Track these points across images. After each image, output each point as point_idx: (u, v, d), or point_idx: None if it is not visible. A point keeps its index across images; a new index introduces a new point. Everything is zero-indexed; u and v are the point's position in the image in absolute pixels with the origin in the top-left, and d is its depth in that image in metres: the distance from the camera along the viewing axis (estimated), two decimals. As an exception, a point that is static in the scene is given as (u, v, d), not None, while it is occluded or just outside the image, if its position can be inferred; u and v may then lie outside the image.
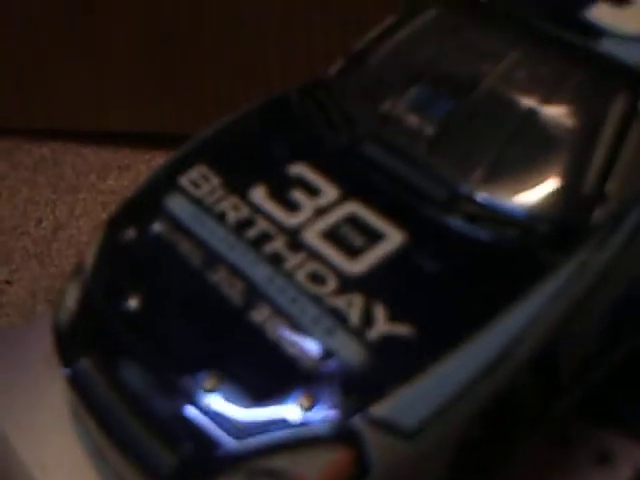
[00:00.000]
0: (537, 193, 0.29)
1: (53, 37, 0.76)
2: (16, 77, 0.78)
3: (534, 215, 0.29)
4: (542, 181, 0.29)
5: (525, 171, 0.30)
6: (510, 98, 0.31)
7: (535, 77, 0.31)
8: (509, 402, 0.27)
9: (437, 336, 0.26)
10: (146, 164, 0.73)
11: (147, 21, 0.73)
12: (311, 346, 0.26)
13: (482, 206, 0.29)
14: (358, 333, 0.26)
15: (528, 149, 0.30)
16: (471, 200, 0.29)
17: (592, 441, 0.31)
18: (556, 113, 0.31)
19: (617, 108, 0.30)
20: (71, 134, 0.81)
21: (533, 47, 0.32)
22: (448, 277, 0.27)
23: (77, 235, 0.71)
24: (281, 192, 0.30)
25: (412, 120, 0.32)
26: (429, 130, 0.32)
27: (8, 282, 0.67)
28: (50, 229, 0.73)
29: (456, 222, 0.29)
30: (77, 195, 0.77)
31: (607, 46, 0.31)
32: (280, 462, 0.25)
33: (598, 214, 0.28)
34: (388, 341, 0.26)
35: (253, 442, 0.25)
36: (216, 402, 0.26)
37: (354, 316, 0.26)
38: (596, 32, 0.31)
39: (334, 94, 0.34)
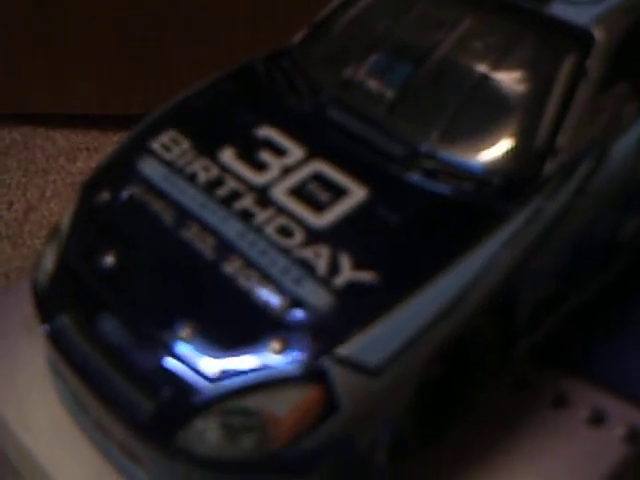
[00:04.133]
0: (492, 149, 0.31)
1: (20, 22, 0.76)
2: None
3: (489, 169, 0.30)
4: (496, 138, 0.31)
5: (480, 129, 0.31)
6: (466, 61, 0.33)
7: (489, 41, 0.33)
8: (467, 344, 0.29)
9: (398, 281, 0.27)
10: (114, 146, 0.74)
11: (117, 5, 0.73)
12: (281, 294, 0.27)
13: (439, 162, 0.30)
14: (324, 281, 0.27)
15: (483, 108, 0.32)
16: (429, 157, 0.31)
17: (549, 385, 0.33)
18: (509, 74, 0.32)
19: (566, 67, 0.31)
20: (40, 118, 0.82)
21: (486, 13, 0.34)
22: (408, 228, 0.29)
23: (48, 217, 0.71)
24: (249, 153, 0.32)
25: (373, 84, 0.34)
26: (389, 94, 0.33)
27: (-19, 263, 0.67)
28: (21, 211, 0.74)
29: (415, 177, 0.30)
30: (47, 177, 0.77)
31: (557, 9, 0.33)
32: (252, 402, 0.26)
33: (549, 166, 0.30)
34: (352, 287, 0.27)
35: (227, 385, 0.26)
36: (192, 350, 0.27)
37: (321, 265, 0.28)
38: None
39: (298, 62, 0.36)
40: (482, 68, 0.32)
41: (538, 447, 0.31)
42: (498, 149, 0.31)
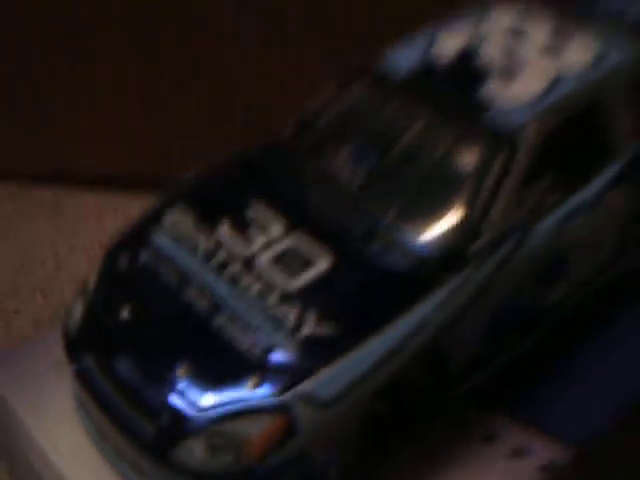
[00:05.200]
0: (434, 229, 0.38)
1: (55, 90, 0.85)
2: (21, 126, 0.87)
3: (430, 246, 0.38)
4: (438, 220, 0.38)
5: (426, 213, 0.39)
6: (420, 153, 0.41)
7: (438, 139, 0.41)
8: (406, 386, 0.36)
9: (351, 333, 0.35)
10: (138, 206, 0.82)
11: (146, 75, 0.82)
12: (258, 343, 0.35)
13: (391, 240, 0.38)
14: (292, 333, 0.35)
15: (429, 196, 0.39)
16: (383, 235, 0.38)
17: (482, 424, 0.39)
18: (452, 167, 0.40)
19: (496, 165, 0.39)
20: (71, 178, 0.90)
21: (440, 114, 0.41)
22: (362, 292, 0.36)
23: (76, 272, 0.79)
24: (240, 229, 0.39)
25: (346, 171, 0.42)
26: (359, 179, 0.41)
27: (16, 312, 0.75)
28: (53, 267, 0.82)
29: (370, 251, 0.38)
30: (76, 236, 0.86)
31: (492, 117, 0.40)
32: (231, 427, 0.33)
33: (478, 243, 0.37)
34: (314, 338, 0.34)
35: (212, 413, 0.34)
36: (186, 386, 0.35)
37: (290, 320, 0.35)
38: (485, 105, 0.41)
39: (285, 153, 0.44)
40: (431, 162, 0.40)
41: (465, 476, 0.37)
42: (439, 229, 0.38)
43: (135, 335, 0.37)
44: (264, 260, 0.38)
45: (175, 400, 0.35)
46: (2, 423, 0.44)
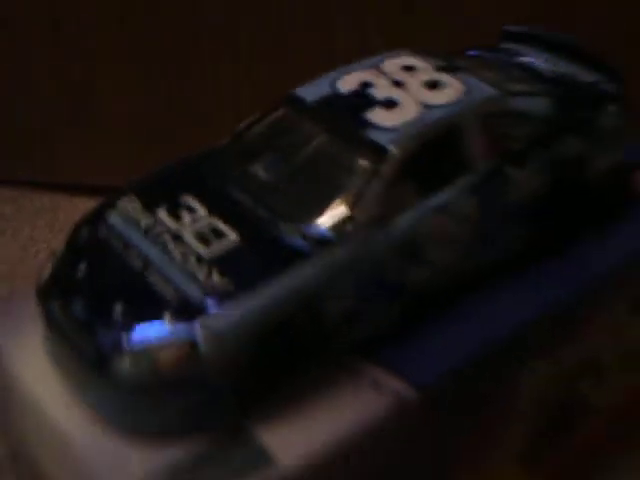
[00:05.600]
0: (320, 215, 0.50)
1: (58, 108, 0.98)
2: (24, 139, 1.00)
3: (315, 228, 0.50)
4: (324, 208, 0.51)
5: (316, 203, 0.51)
6: (316, 161, 0.53)
7: (331, 149, 0.53)
8: (291, 332, 0.48)
9: (245, 286, 0.47)
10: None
11: (146, 93, 0.94)
12: (176, 291, 0.47)
13: (287, 224, 0.50)
14: (201, 285, 0.47)
15: (318, 191, 0.52)
16: (283, 220, 0.51)
17: (363, 371, 0.51)
18: (337, 170, 0.52)
19: (369, 169, 0.51)
20: (66, 187, 1.03)
21: (333, 132, 0.54)
22: (257, 258, 0.49)
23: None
24: (175, 210, 0.52)
25: (261, 173, 0.54)
26: (269, 179, 0.54)
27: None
28: (45, 259, 0.94)
29: (270, 231, 0.50)
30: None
31: (369, 133, 0.53)
32: (151, 350, 0.46)
33: (350, 227, 0.50)
34: (217, 288, 0.47)
35: (138, 340, 0.46)
36: (121, 320, 0.47)
37: (200, 275, 0.48)
38: (368, 125, 0.53)
39: (220, 157, 0.56)
40: (322, 167, 0.53)
41: (331, 401, 0.50)
42: (323, 216, 0.51)
43: (87, 286, 0.50)
44: (187, 234, 0.50)
45: (112, 330, 0.47)
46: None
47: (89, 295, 0.49)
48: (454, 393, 0.53)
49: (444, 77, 0.57)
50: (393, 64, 0.59)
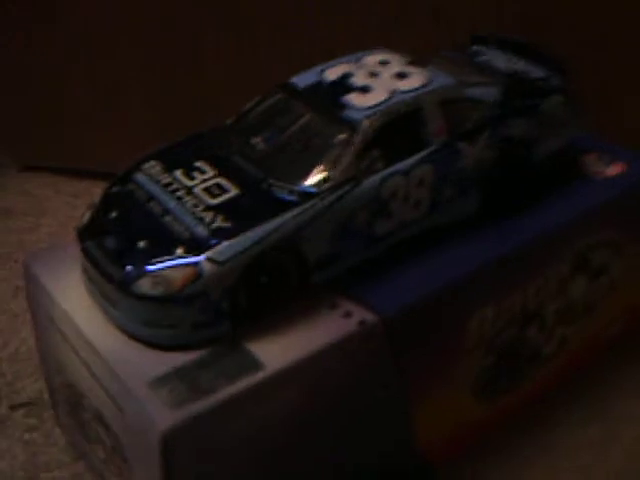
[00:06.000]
0: (303, 178, 0.63)
1: (90, 104, 1.11)
2: (62, 130, 1.13)
3: (299, 187, 0.63)
4: (308, 170, 0.63)
5: (301, 166, 0.64)
6: (303, 134, 0.66)
7: (315, 125, 0.66)
8: (278, 264, 0.61)
9: (241, 226, 0.60)
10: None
11: (162, 87, 1.07)
12: (188, 230, 0.60)
13: (279, 181, 0.63)
14: (207, 225, 0.60)
15: (305, 157, 0.64)
16: (275, 179, 0.63)
17: (330, 298, 0.64)
18: (320, 141, 0.65)
19: (342, 139, 0.64)
20: (100, 174, 1.16)
21: (317, 111, 0.67)
22: (252, 206, 0.61)
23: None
24: (189, 172, 0.65)
25: (259, 145, 0.67)
26: (267, 149, 0.66)
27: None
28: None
29: (265, 186, 0.63)
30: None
31: (347, 113, 0.66)
32: (166, 272, 0.59)
33: (327, 185, 0.63)
34: (219, 228, 0.60)
35: (157, 266, 0.59)
36: (144, 251, 0.60)
37: (207, 218, 0.60)
38: (345, 106, 0.66)
39: (226, 132, 0.69)
40: (308, 139, 0.66)
41: (308, 324, 0.62)
42: (306, 176, 0.63)
43: (118, 226, 0.63)
44: (197, 189, 0.63)
45: (137, 259, 0.60)
46: (34, 296, 0.70)
47: (119, 234, 0.62)
48: (412, 325, 0.65)
49: (412, 69, 0.70)
50: (372, 59, 0.72)
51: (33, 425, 0.81)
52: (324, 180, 0.63)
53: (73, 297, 0.66)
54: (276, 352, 0.61)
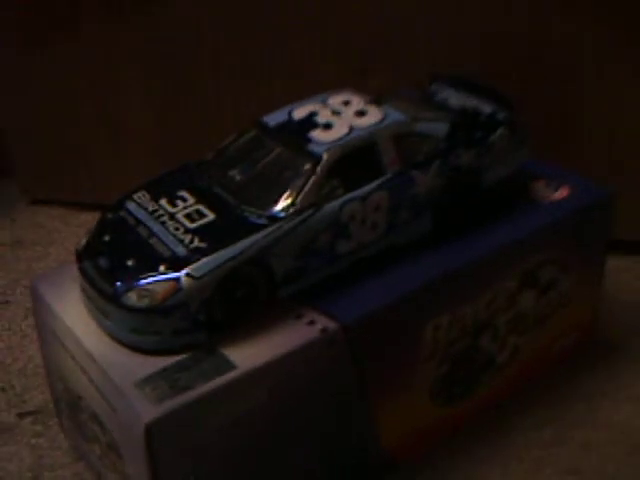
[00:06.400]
0: (272, 204, 0.72)
1: (96, 137, 1.20)
2: (69, 165, 1.23)
3: (268, 212, 0.72)
4: (276, 197, 0.73)
5: (271, 194, 0.73)
6: (273, 167, 0.75)
7: (284, 158, 0.76)
8: (248, 279, 0.70)
9: (215, 247, 0.69)
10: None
11: (161, 130, 1.17)
12: (169, 251, 0.69)
13: (250, 208, 0.73)
14: (186, 246, 0.69)
15: (274, 187, 0.74)
16: (247, 205, 0.73)
17: (296, 309, 0.73)
18: (287, 173, 0.74)
19: (306, 170, 0.73)
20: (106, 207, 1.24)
21: (285, 146, 0.76)
22: (225, 229, 0.70)
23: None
24: (172, 200, 0.75)
25: (235, 177, 0.77)
26: (241, 180, 0.76)
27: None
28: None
29: (237, 213, 0.72)
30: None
31: (311, 147, 0.75)
32: (150, 286, 0.68)
33: (292, 209, 0.72)
34: (196, 248, 0.69)
35: (143, 281, 0.68)
36: (132, 269, 0.69)
37: (186, 240, 0.70)
38: (309, 141, 0.75)
39: (207, 165, 0.79)
40: (277, 171, 0.75)
41: (276, 332, 0.71)
42: (275, 202, 0.73)
43: (110, 248, 0.72)
44: (179, 215, 0.73)
45: (126, 276, 0.69)
46: (40, 313, 0.79)
47: (111, 254, 0.72)
48: (370, 332, 0.74)
49: (370, 108, 0.79)
50: (336, 99, 0.81)
51: (39, 431, 0.89)
52: (290, 205, 0.72)
53: (73, 313, 0.75)
54: (247, 355, 0.69)
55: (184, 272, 0.68)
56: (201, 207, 0.73)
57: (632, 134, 1.04)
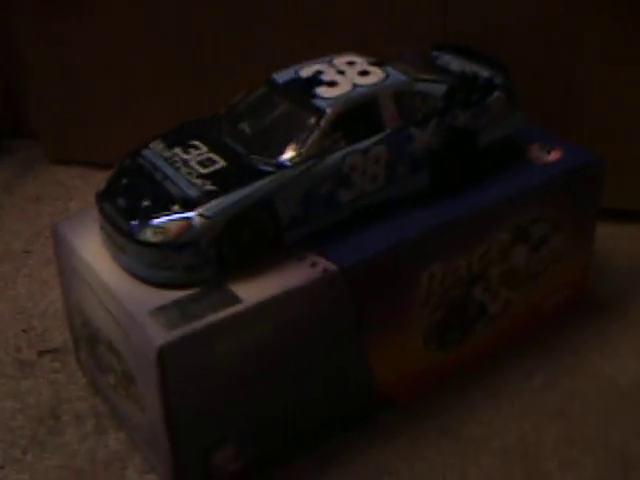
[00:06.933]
0: (281, 152, 0.78)
1: (114, 104, 1.26)
2: (88, 126, 1.29)
3: (277, 158, 0.77)
4: (284, 148, 0.78)
5: (279, 144, 0.79)
6: (281, 119, 0.81)
7: (291, 111, 0.81)
8: (256, 221, 0.75)
9: (225, 189, 0.74)
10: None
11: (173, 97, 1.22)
12: (182, 192, 0.75)
13: (259, 156, 0.78)
14: (199, 188, 0.75)
15: (283, 137, 0.79)
16: (256, 154, 0.78)
17: (304, 255, 0.78)
18: (295, 125, 0.80)
19: (312, 121, 0.78)
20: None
21: (292, 100, 0.82)
22: (235, 175, 0.76)
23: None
24: (186, 148, 0.80)
25: (244, 129, 0.82)
26: (250, 131, 0.81)
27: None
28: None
29: (247, 160, 0.78)
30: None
31: (316, 102, 0.80)
32: (165, 223, 0.73)
33: (298, 159, 0.77)
34: (207, 190, 0.75)
35: (159, 219, 0.74)
36: (148, 208, 0.75)
37: (198, 184, 0.75)
38: (315, 96, 0.81)
39: (219, 118, 0.85)
40: (285, 122, 0.80)
41: (281, 272, 0.77)
42: (282, 152, 0.78)
43: (127, 190, 0.78)
44: (192, 161, 0.78)
45: (142, 214, 0.75)
46: (61, 252, 0.85)
47: (128, 196, 0.78)
48: (368, 275, 0.80)
49: (373, 68, 0.85)
50: (341, 60, 0.87)
51: (57, 368, 0.95)
52: (295, 155, 0.78)
53: (92, 250, 0.81)
54: (253, 291, 0.75)
55: (196, 212, 0.73)
56: (213, 155, 0.79)
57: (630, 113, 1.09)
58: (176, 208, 0.74)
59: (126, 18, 1.18)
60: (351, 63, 0.85)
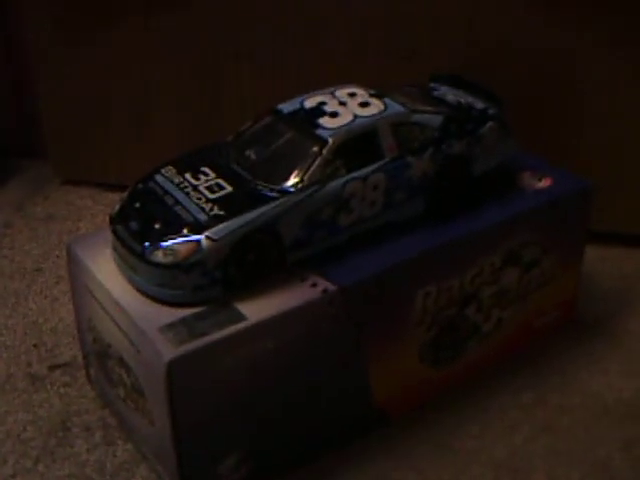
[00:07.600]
0: (284, 179, 0.83)
1: (124, 126, 1.31)
2: (99, 148, 1.33)
3: (280, 187, 0.82)
4: (288, 175, 0.83)
5: (283, 172, 0.83)
6: (284, 148, 0.86)
7: (295, 140, 0.86)
8: (260, 244, 0.80)
9: (232, 214, 0.79)
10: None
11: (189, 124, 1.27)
12: (192, 217, 0.80)
13: (263, 183, 0.83)
14: (207, 213, 0.80)
15: (286, 165, 0.84)
16: (261, 181, 0.83)
17: (302, 274, 0.83)
18: (298, 154, 0.84)
19: (314, 151, 0.83)
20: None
21: (297, 130, 0.86)
22: (241, 200, 0.81)
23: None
24: (195, 175, 0.85)
25: (251, 156, 0.87)
26: (256, 159, 0.86)
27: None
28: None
29: (252, 186, 0.82)
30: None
31: (319, 132, 0.85)
32: (174, 246, 0.78)
33: (301, 185, 0.82)
34: (215, 215, 0.79)
35: (167, 242, 0.78)
36: (159, 231, 0.80)
37: (207, 208, 0.80)
38: (318, 126, 0.86)
39: (227, 146, 0.89)
40: (289, 151, 0.85)
41: (283, 292, 0.81)
42: (286, 179, 0.83)
43: (140, 214, 0.83)
44: (201, 187, 0.83)
45: (153, 237, 0.80)
46: (75, 270, 0.90)
47: (140, 219, 0.82)
48: (366, 295, 0.84)
49: (373, 100, 0.89)
50: (343, 91, 0.92)
51: (67, 382, 0.99)
52: (298, 182, 0.82)
53: (105, 269, 0.85)
54: (257, 309, 0.79)
55: (204, 235, 0.78)
56: (220, 181, 0.83)
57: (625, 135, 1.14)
58: (185, 231, 0.79)
59: (141, 42, 1.22)
60: (352, 94, 0.90)
